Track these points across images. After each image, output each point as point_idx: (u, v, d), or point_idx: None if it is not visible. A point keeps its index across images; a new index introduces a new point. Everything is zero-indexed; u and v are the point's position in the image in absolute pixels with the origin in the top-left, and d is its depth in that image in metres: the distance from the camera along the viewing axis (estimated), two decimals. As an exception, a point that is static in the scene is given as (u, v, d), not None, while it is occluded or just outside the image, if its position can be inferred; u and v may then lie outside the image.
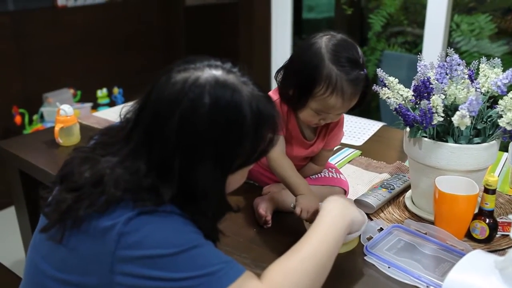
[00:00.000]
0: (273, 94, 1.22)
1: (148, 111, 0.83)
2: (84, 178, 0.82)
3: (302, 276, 0.82)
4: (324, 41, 1.13)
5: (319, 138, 1.28)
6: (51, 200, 0.86)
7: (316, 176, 1.31)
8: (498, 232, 1.13)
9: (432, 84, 1.14)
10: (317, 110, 1.14)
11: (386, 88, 1.18)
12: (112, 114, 1.99)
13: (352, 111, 1.21)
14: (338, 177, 1.32)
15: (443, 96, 1.13)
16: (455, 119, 1.07)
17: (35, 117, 2.90)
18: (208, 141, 0.80)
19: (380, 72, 1.19)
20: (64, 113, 1.67)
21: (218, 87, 0.80)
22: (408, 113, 1.13)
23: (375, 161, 1.58)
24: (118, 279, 0.78)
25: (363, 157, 1.62)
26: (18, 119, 2.82)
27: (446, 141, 1.13)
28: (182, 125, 0.79)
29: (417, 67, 1.18)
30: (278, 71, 1.20)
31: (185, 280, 0.76)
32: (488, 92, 1.16)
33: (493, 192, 1.09)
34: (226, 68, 0.85)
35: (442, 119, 1.11)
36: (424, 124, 1.11)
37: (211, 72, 0.82)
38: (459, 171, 1.12)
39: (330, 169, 1.35)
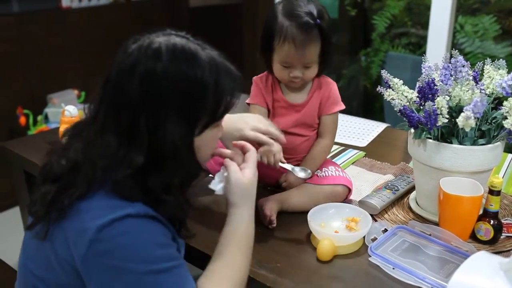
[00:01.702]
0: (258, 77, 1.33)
1: (110, 85, 0.85)
2: (62, 166, 0.85)
3: (235, 277, 0.91)
4: (280, 2, 1.24)
5: (311, 100, 1.30)
6: (36, 199, 0.88)
7: (322, 175, 1.31)
8: (503, 234, 1.13)
9: (436, 86, 1.14)
10: (281, 62, 1.23)
11: (391, 90, 1.18)
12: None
13: (323, 68, 1.27)
14: (342, 175, 1.31)
15: (448, 98, 1.12)
16: (460, 120, 1.07)
17: (39, 118, 2.91)
18: (170, 97, 0.83)
19: (384, 73, 1.19)
20: (69, 114, 1.68)
21: (174, 48, 0.84)
22: (413, 114, 1.13)
23: (379, 162, 1.58)
24: (85, 277, 0.81)
25: (367, 158, 1.62)
26: (22, 120, 2.83)
27: (451, 143, 1.13)
28: (143, 85, 0.82)
29: (422, 68, 1.18)
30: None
31: None
32: (492, 93, 1.16)
33: (497, 193, 1.09)
34: (180, 35, 0.89)
35: (446, 120, 1.11)
36: (429, 126, 1.11)
37: (165, 38, 0.86)
38: (463, 172, 1.12)
39: (335, 168, 1.34)
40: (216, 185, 1.00)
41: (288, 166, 1.14)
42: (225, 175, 0.99)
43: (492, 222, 1.10)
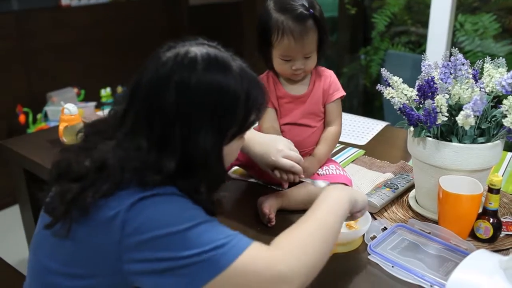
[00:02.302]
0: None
1: (142, 91, 0.85)
2: (85, 167, 0.84)
3: (310, 245, 0.84)
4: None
5: (314, 89, 1.33)
6: (53, 197, 0.87)
7: (322, 173, 1.31)
8: (502, 232, 1.13)
9: (436, 84, 1.14)
10: (282, 56, 1.26)
11: (390, 88, 1.18)
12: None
13: (322, 56, 1.29)
14: (342, 173, 1.32)
15: (447, 96, 1.12)
16: (460, 118, 1.07)
17: (39, 116, 2.91)
18: (205, 108, 0.84)
19: (384, 71, 1.19)
20: (69, 112, 1.68)
21: (209, 58, 0.86)
22: (412, 112, 1.13)
23: (378, 160, 1.58)
24: (128, 267, 0.79)
25: (366, 156, 1.62)
26: (22, 118, 2.83)
27: (450, 141, 1.13)
28: (178, 95, 0.82)
29: (421, 66, 1.18)
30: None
31: (194, 257, 0.76)
32: (492, 91, 1.16)
33: (497, 191, 1.09)
34: (212, 45, 0.90)
35: (446, 118, 1.11)
36: (428, 124, 1.11)
37: (199, 47, 0.87)
38: (463, 170, 1.12)
39: (335, 166, 1.35)
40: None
41: (308, 180, 1.18)
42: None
43: (491, 220, 1.10)
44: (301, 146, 1.34)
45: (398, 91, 1.17)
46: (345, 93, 1.37)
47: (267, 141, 1.21)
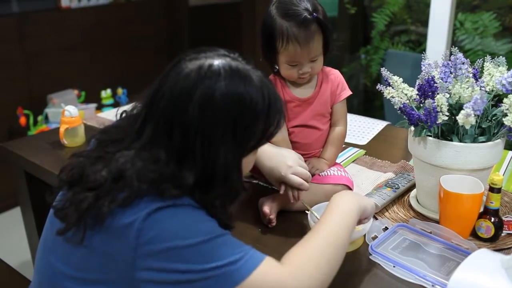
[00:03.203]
0: None
1: (163, 102, 0.84)
2: (102, 176, 0.83)
3: (321, 260, 0.85)
4: (273, 4, 1.26)
5: (321, 91, 1.34)
6: (65, 203, 0.86)
7: (323, 174, 1.31)
8: (504, 231, 1.13)
9: (436, 83, 1.14)
10: (288, 62, 1.25)
11: (390, 87, 1.18)
12: (117, 115, 1.99)
13: (328, 56, 1.30)
14: (344, 175, 1.32)
15: (448, 95, 1.12)
16: (460, 118, 1.06)
17: (39, 118, 2.91)
18: (226, 123, 0.83)
19: (384, 71, 1.19)
20: (69, 114, 1.68)
21: (232, 71, 0.85)
22: (413, 112, 1.13)
23: (379, 160, 1.58)
24: (139, 275, 0.79)
25: (367, 156, 1.62)
26: (22, 120, 2.83)
27: (451, 140, 1.13)
28: (201, 110, 0.82)
29: (421, 66, 1.18)
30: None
31: (208, 271, 0.77)
32: (492, 90, 1.16)
33: (498, 191, 1.09)
34: (233, 57, 0.89)
35: (446, 118, 1.11)
36: (429, 123, 1.11)
37: (221, 60, 0.86)
38: (464, 170, 1.12)
39: (337, 168, 1.35)
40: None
41: (308, 208, 1.16)
42: None
43: (492, 219, 1.10)
44: (309, 149, 1.36)
45: (398, 91, 1.17)
46: (351, 92, 1.37)
47: (277, 155, 1.20)
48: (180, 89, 0.83)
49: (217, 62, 0.85)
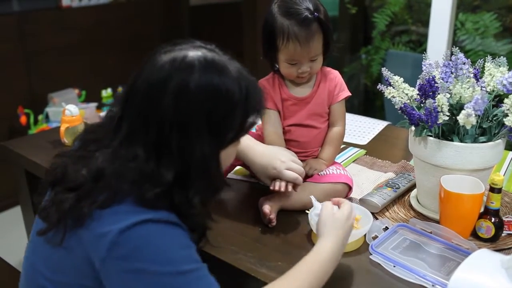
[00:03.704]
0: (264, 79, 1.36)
1: (138, 96, 0.83)
2: (82, 176, 0.83)
3: None
4: (276, 3, 1.26)
5: (318, 90, 1.33)
6: (47, 204, 0.86)
7: (322, 173, 1.31)
8: (504, 231, 1.13)
9: (437, 83, 1.14)
10: (287, 60, 1.25)
11: (391, 87, 1.18)
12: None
13: (328, 56, 1.30)
14: (343, 173, 1.32)
15: (449, 95, 1.12)
16: (461, 118, 1.06)
17: (40, 117, 2.91)
18: (203, 113, 0.82)
19: (385, 71, 1.19)
20: (70, 113, 1.68)
21: (206, 62, 0.83)
22: (413, 112, 1.13)
23: (380, 160, 1.58)
24: (104, 283, 0.79)
25: (368, 156, 1.62)
26: (23, 119, 2.83)
27: (452, 140, 1.13)
28: (175, 101, 0.81)
29: (422, 66, 1.18)
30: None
31: None
32: (493, 90, 1.16)
33: (498, 191, 1.09)
34: (209, 48, 0.88)
35: (447, 118, 1.11)
36: (429, 123, 1.11)
37: (196, 51, 0.85)
38: (464, 170, 1.12)
39: (336, 167, 1.35)
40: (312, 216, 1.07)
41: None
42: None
43: (493, 219, 1.10)
44: (307, 147, 1.36)
45: (399, 91, 1.17)
46: (350, 94, 1.36)
47: (269, 153, 1.21)
48: (154, 82, 0.82)
49: (191, 53, 0.84)
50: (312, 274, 0.89)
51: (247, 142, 1.23)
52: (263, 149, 1.22)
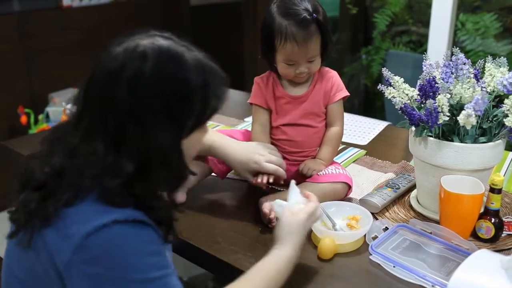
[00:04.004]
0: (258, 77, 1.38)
1: (94, 89, 0.83)
2: (45, 174, 0.82)
3: None
4: (275, 2, 1.26)
5: (314, 90, 1.33)
6: (17, 205, 0.85)
7: (322, 173, 1.31)
8: (504, 232, 1.13)
9: (437, 83, 1.14)
10: (285, 61, 1.25)
11: (392, 88, 1.18)
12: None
13: (326, 58, 1.29)
14: (342, 172, 1.32)
15: (449, 96, 1.12)
16: (461, 118, 1.06)
17: (40, 117, 2.91)
18: (158, 101, 0.81)
19: (385, 71, 1.19)
20: (70, 113, 1.68)
21: (160, 51, 0.83)
22: (414, 112, 1.13)
23: (380, 160, 1.58)
24: (68, 286, 0.79)
25: (368, 156, 1.62)
26: (23, 119, 2.83)
27: (452, 141, 1.13)
28: (130, 91, 0.80)
29: (422, 66, 1.18)
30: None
31: None
32: (494, 91, 1.16)
33: (498, 191, 1.09)
34: (165, 36, 0.87)
35: (447, 118, 1.11)
36: (430, 124, 1.11)
37: (150, 40, 0.84)
38: (464, 170, 1.12)
39: (335, 166, 1.35)
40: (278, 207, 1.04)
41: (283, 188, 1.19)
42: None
43: (493, 220, 1.09)
44: (303, 146, 1.35)
45: (399, 91, 1.17)
46: (348, 94, 1.36)
47: (246, 148, 1.24)
48: (108, 73, 0.82)
49: (144, 42, 0.83)
50: (268, 280, 0.90)
51: (221, 140, 1.25)
52: (239, 145, 1.24)
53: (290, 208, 1.00)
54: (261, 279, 0.89)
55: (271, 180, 1.21)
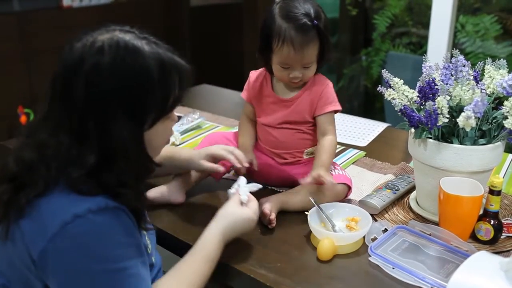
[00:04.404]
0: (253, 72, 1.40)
1: (56, 84, 0.86)
2: (17, 167, 0.85)
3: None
4: (278, 3, 1.25)
5: (302, 96, 1.30)
6: None
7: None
8: (503, 234, 1.13)
9: (437, 85, 1.14)
10: (280, 63, 1.24)
11: (391, 89, 1.18)
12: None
13: (321, 65, 1.29)
14: (342, 173, 1.32)
15: (448, 97, 1.12)
16: (460, 120, 1.07)
17: (40, 117, 2.91)
18: (115, 96, 0.83)
19: (385, 73, 1.19)
20: (70, 113, 1.68)
21: (117, 45, 0.85)
22: (413, 114, 1.13)
23: (379, 162, 1.58)
24: (42, 275, 0.82)
25: (367, 158, 1.62)
26: (23, 119, 2.84)
27: (451, 142, 1.13)
28: (87, 85, 0.83)
29: (422, 68, 1.18)
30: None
31: None
32: (493, 93, 1.16)
33: (498, 193, 1.09)
34: (125, 29, 0.89)
35: (447, 120, 1.11)
36: (429, 125, 1.11)
37: (108, 34, 0.86)
38: (464, 172, 1.12)
39: (334, 167, 1.34)
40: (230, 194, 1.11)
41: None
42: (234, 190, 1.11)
43: (492, 222, 1.10)
44: (285, 148, 1.34)
45: (399, 93, 1.17)
46: (339, 108, 1.31)
47: (187, 150, 1.29)
48: (67, 69, 0.85)
49: (102, 37, 0.85)
50: (205, 258, 0.97)
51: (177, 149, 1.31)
52: (181, 150, 1.29)
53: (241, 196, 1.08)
54: (200, 257, 0.97)
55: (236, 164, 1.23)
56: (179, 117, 1.83)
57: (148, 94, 0.86)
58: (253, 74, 1.38)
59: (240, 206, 1.06)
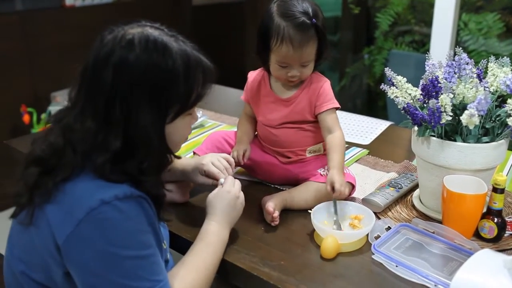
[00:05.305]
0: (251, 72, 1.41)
1: (87, 74, 0.90)
2: (43, 151, 0.88)
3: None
4: (275, 2, 1.25)
5: (300, 95, 1.30)
6: (19, 186, 0.91)
7: (325, 173, 1.31)
8: (507, 232, 1.13)
9: (440, 83, 1.14)
10: (278, 62, 1.24)
11: (394, 87, 1.18)
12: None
13: (319, 64, 1.29)
14: (346, 172, 1.31)
15: (452, 95, 1.12)
16: (464, 118, 1.06)
17: (43, 116, 2.92)
18: (141, 87, 0.87)
19: (388, 71, 1.19)
20: (73, 112, 1.68)
21: (147, 40, 0.89)
22: (416, 112, 1.13)
23: (382, 160, 1.58)
24: (64, 259, 0.84)
25: (370, 156, 1.62)
26: (26, 118, 2.84)
27: (455, 140, 1.13)
28: (115, 74, 0.86)
29: (425, 66, 1.18)
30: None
31: (119, 286, 0.83)
32: (496, 91, 1.16)
33: (501, 191, 1.09)
34: (155, 26, 0.94)
35: (450, 118, 1.11)
36: (433, 123, 1.11)
37: (139, 29, 0.90)
38: (467, 170, 1.12)
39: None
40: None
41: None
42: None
43: (495, 220, 1.09)
44: (290, 146, 1.34)
45: (402, 91, 1.17)
46: (338, 106, 1.30)
47: (186, 159, 1.30)
48: (98, 59, 0.88)
49: (132, 31, 0.89)
50: (211, 246, 1.02)
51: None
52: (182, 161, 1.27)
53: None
54: (205, 246, 1.02)
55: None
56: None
57: (173, 87, 0.90)
58: (251, 75, 1.39)
59: (220, 188, 1.11)
